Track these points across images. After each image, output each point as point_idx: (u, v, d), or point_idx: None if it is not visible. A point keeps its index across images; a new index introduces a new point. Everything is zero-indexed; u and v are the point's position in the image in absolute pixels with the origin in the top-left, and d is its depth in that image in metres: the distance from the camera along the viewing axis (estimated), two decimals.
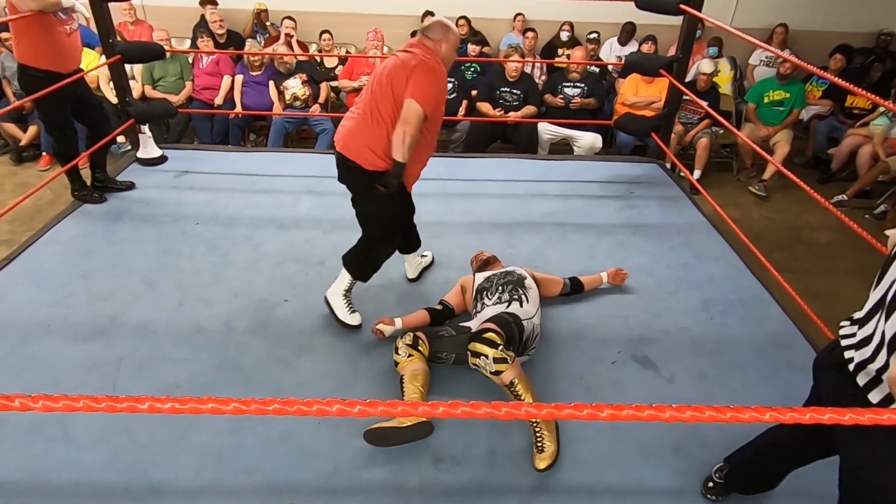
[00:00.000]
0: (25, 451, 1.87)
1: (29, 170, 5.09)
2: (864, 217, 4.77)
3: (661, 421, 0.78)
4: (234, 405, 0.69)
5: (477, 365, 1.95)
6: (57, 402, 0.67)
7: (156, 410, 0.68)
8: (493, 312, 2.21)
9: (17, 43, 2.94)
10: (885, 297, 1.18)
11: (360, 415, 0.77)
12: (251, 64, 5.23)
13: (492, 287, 2.37)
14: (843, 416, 0.74)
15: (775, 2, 6.23)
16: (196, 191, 3.51)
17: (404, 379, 2.07)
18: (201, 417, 1.97)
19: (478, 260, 2.66)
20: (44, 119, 3.35)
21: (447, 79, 2.22)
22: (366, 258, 2.41)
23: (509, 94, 5.04)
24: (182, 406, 0.68)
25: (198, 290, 2.64)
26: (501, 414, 0.79)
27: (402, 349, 2.12)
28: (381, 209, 2.30)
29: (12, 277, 2.70)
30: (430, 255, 2.91)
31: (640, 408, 0.78)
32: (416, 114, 2.06)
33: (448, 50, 2.21)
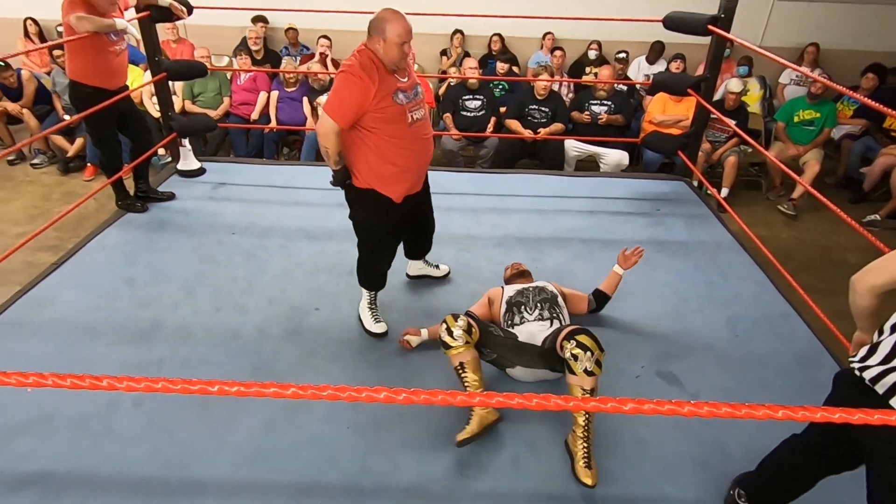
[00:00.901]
0: (73, 445, 1.98)
1: (74, 180, 5.33)
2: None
3: (680, 415, 0.82)
4: (293, 390, 0.77)
5: (575, 355, 1.87)
6: (139, 382, 0.76)
7: (224, 393, 0.76)
8: (539, 328, 2.25)
9: (70, 61, 3.12)
10: None
11: (405, 402, 0.83)
12: (286, 80, 5.42)
13: (529, 302, 2.38)
14: (853, 415, 0.78)
15: (806, 21, 6.22)
16: (232, 202, 3.65)
17: (465, 366, 2.04)
18: (237, 419, 2.07)
19: (514, 268, 2.70)
20: (91, 133, 3.53)
21: (371, 80, 2.00)
22: (363, 268, 2.50)
23: (538, 111, 5.12)
24: (247, 389, 0.76)
25: (234, 297, 2.75)
26: (570, 406, 0.84)
27: (460, 335, 2.03)
28: (366, 219, 2.35)
29: (61, 281, 2.85)
30: (444, 269, 2.93)
31: (661, 402, 0.83)
32: (324, 126, 2.05)
33: (388, 49, 2.01)
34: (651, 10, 3.96)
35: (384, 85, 2.03)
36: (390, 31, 1.99)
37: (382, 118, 2.07)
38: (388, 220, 2.34)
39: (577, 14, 5.76)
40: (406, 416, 2.11)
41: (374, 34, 2.03)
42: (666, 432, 2.09)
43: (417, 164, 2.27)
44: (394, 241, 2.48)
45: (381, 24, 2.01)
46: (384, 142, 2.11)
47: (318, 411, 2.12)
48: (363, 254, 2.47)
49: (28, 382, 0.94)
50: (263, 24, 6.08)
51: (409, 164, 2.21)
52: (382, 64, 2.04)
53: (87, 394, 2.09)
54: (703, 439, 2.08)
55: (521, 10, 5.85)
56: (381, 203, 2.25)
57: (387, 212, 2.29)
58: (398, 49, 2.01)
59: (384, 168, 2.17)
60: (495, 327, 2.24)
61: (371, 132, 2.11)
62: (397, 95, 2.08)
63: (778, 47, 6.13)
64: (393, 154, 2.14)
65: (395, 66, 2.06)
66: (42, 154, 5.58)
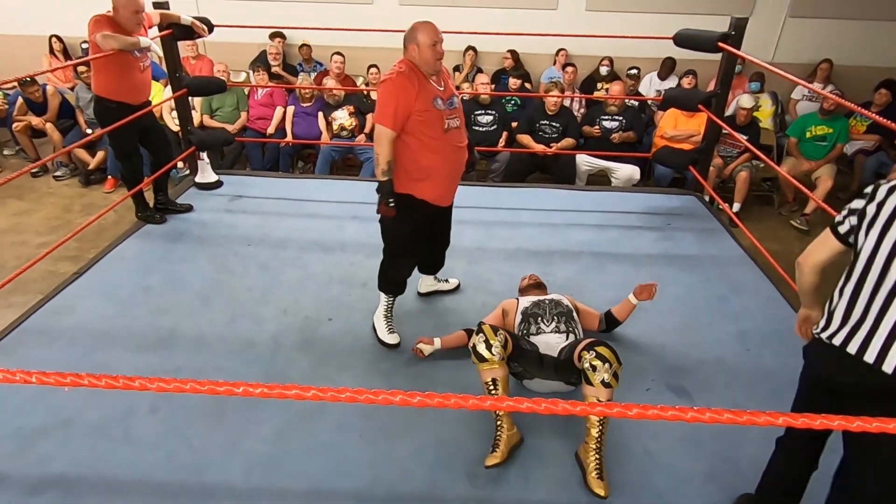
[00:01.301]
0: (92, 449, 2.03)
1: (95, 192, 5.46)
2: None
3: (682, 420, 0.85)
4: (314, 392, 0.80)
5: (593, 366, 1.91)
6: (169, 383, 0.80)
7: (248, 394, 0.80)
8: (556, 340, 2.28)
9: (95, 77, 3.23)
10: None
11: (439, 405, 0.86)
12: (302, 96, 5.53)
13: (546, 314, 2.41)
14: (851, 423, 0.80)
15: (818, 38, 6.23)
16: (248, 214, 3.72)
17: (497, 384, 2.04)
18: (250, 427, 2.11)
19: (532, 279, 2.74)
20: (114, 146, 3.63)
21: (412, 84, 2.16)
22: (386, 272, 2.55)
23: (549, 126, 5.17)
24: (270, 391, 0.80)
25: (249, 307, 2.81)
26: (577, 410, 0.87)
27: (498, 350, 2.03)
28: (395, 224, 2.41)
29: (81, 290, 2.93)
30: (454, 282, 2.99)
31: (665, 408, 0.85)
32: (378, 134, 2.19)
33: (422, 52, 2.17)
34: (663, 27, 4.01)
35: (424, 91, 2.19)
36: (421, 35, 2.17)
37: (421, 121, 2.20)
38: (416, 227, 2.43)
39: (589, 31, 5.86)
40: (416, 425, 2.13)
41: (408, 44, 2.21)
42: (675, 445, 2.09)
43: (451, 171, 2.37)
44: (418, 248, 2.56)
45: (412, 32, 2.19)
46: (421, 145, 2.23)
47: (329, 419, 2.15)
48: (387, 258, 2.54)
49: (49, 381, 0.98)
50: (281, 40, 6.24)
51: (442, 170, 2.32)
52: (420, 71, 2.20)
53: (105, 400, 2.15)
54: (713, 453, 2.08)
55: (533, 28, 5.95)
56: (412, 208, 2.34)
57: (416, 218, 2.39)
58: (431, 50, 2.17)
59: (419, 172, 2.27)
60: (524, 340, 2.26)
61: (409, 136, 2.22)
62: (436, 101, 2.22)
63: (790, 63, 6.14)
64: (427, 159, 2.26)
65: (432, 70, 2.22)
66: (64, 167, 5.73)
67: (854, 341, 1.42)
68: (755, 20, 5.97)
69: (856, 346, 1.41)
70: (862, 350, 1.40)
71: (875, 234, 1.41)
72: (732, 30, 3.49)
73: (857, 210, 1.50)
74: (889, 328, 1.36)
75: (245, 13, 6.27)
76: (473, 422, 2.15)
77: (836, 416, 0.81)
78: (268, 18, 6.15)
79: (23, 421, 2.12)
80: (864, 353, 1.40)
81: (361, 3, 6.31)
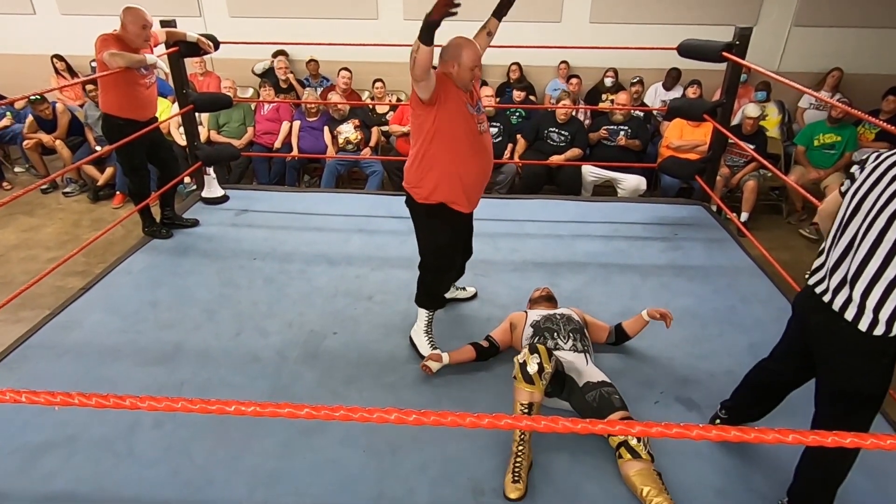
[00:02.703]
0: (95, 465, 2.02)
1: (104, 207, 5.51)
2: None
3: (688, 438, 0.82)
4: (307, 410, 0.79)
5: (632, 449, 1.94)
6: (160, 402, 0.79)
7: (257, 414, 0.79)
8: (574, 359, 2.27)
9: (103, 94, 3.27)
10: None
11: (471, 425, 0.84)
12: (308, 110, 5.57)
13: (561, 330, 2.39)
14: (844, 438, 0.78)
15: (823, 46, 6.21)
16: (254, 228, 3.73)
17: (533, 409, 2.00)
18: (254, 442, 2.09)
19: (545, 291, 2.72)
20: (122, 162, 3.67)
21: (447, 82, 2.17)
22: (425, 287, 2.53)
23: (557, 134, 5.17)
24: (280, 409, 0.79)
25: (254, 320, 2.80)
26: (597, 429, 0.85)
27: (547, 375, 2.00)
28: (428, 237, 2.43)
29: (88, 305, 2.94)
30: (471, 290, 2.99)
31: (669, 426, 0.83)
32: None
33: (461, 72, 2.17)
34: (667, 37, 4.01)
35: (457, 95, 2.19)
36: (465, 56, 2.15)
37: (460, 119, 2.20)
38: (456, 236, 2.44)
39: (593, 43, 5.87)
40: (420, 440, 2.11)
41: (448, 59, 2.17)
42: (687, 459, 2.05)
43: (482, 177, 2.39)
44: (457, 259, 2.56)
45: (456, 49, 2.16)
46: (458, 147, 2.22)
47: (334, 434, 2.13)
48: (429, 274, 2.51)
49: (55, 401, 0.98)
50: (283, 57, 6.28)
51: (476, 175, 2.33)
52: (454, 84, 2.20)
53: (109, 415, 2.15)
54: (725, 467, 2.04)
55: (538, 40, 5.98)
56: (448, 219, 2.35)
57: (455, 227, 2.40)
58: (470, 73, 2.18)
59: (455, 177, 2.26)
60: (570, 376, 2.20)
61: (446, 140, 2.21)
62: (468, 106, 2.24)
63: (797, 72, 6.13)
64: (465, 162, 2.26)
65: (465, 88, 2.22)
66: (74, 183, 5.79)
67: (823, 286, 1.61)
68: (760, 29, 5.99)
69: (829, 293, 1.59)
70: (833, 296, 1.57)
71: (859, 195, 1.55)
72: (737, 39, 3.48)
73: (851, 174, 1.63)
74: (857, 281, 1.51)
75: (252, 30, 6.35)
76: (478, 437, 2.12)
77: (848, 433, 0.79)
78: (276, 35, 6.22)
79: (28, 437, 2.11)
80: (833, 299, 1.57)
81: (367, 18, 6.37)
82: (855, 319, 1.52)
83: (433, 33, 1.94)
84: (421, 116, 2.22)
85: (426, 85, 2.08)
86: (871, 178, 1.52)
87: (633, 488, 1.90)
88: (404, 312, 2.75)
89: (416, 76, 2.04)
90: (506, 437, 2.07)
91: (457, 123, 2.20)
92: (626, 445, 1.94)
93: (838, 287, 1.56)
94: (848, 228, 1.55)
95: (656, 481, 1.88)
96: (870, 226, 1.48)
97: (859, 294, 1.50)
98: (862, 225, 1.51)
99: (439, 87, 2.13)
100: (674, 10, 6.10)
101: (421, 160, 2.27)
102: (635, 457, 1.92)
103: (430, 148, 2.23)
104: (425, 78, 2.05)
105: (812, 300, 1.66)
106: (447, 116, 2.18)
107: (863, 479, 1.98)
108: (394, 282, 3.08)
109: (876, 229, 1.46)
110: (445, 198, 2.30)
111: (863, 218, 1.51)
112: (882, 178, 1.49)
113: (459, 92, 2.20)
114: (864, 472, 2.00)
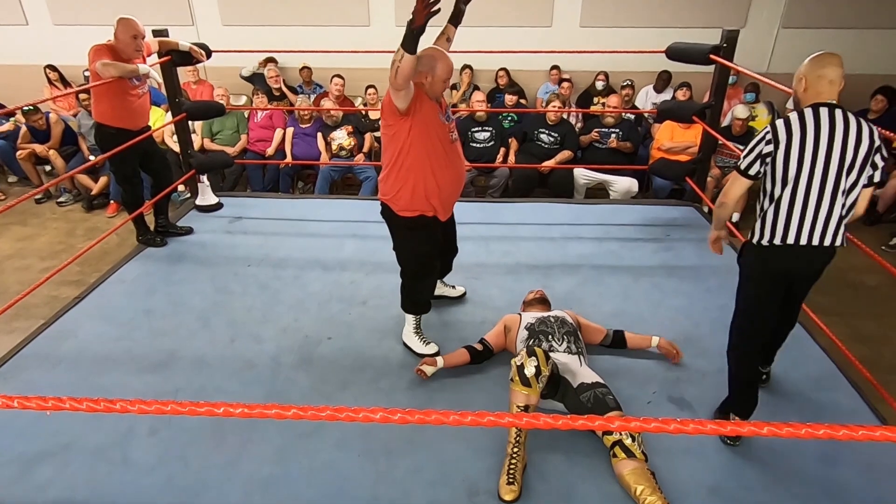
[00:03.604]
0: (90, 474, 2.02)
1: (98, 217, 5.51)
2: None
3: (685, 434, 0.84)
4: (294, 411, 0.80)
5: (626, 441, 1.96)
6: (150, 405, 0.80)
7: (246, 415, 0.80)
8: (569, 360, 2.29)
9: (95, 104, 3.28)
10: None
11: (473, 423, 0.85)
12: (301, 117, 5.59)
13: (555, 333, 2.41)
14: (837, 431, 0.80)
15: (812, 47, 6.17)
16: (248, 235, 3.74)
17: (530, 411, 2.01)
18: (250, 447, 2.10)
19: (539, 293, 2.74)
20: (115, 171, 3.67)
21: (431, 101, 2.21)
22: (408, 294, 2.56)
23: (547, 135, 5.20)
24: (250, 411, 0.80)
25: (249, 327, 2.81)
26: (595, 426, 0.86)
27: (544, 378, 2.02)
28: (408, 246, 2.45)
29: (82, 314, 2.94)
30: (460, 290, 3.02)
31: (667, 421, 0.85)
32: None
33: (434, 84, 2.19)
34: (657, 40, 4.05)
35: (430, 106, 2.21)
36: (440, 68, 2.17)
37: (434, 129, 2.22)
38: (432, 245, 2.46)
39: (584, 47, 5.92)
40: (416, 442, 2.12)
41: (421, 69, 2.15)
42: (680, 458, 2.07)
43: (457, 186, 2.41)
44: (436, 265, 2.58)
45: (430, 61, 2.16)
46: (434, 157, 2.24)
47: (329, 438, 2.14)
48: (409, 282, 2.55)
49: (47, 406, 0.99)
50: (273, 65, 6.30)
51: (452, 184, 2.36)
52: (427, 95, 2.22)
53: (104, 424, 2.15)
54: (717, 465, 2.05)
55: (529, 45, 6.02)
56: (426, 228, 2.37)
57: (430, 236, 2.42)
58: (443, 84, 2.22)
59: (432, 187, 2.28)
60: (565, 378, 2.22)
61: (422, 151, 2.22)
62: (440, 116, 2.26)
63: (786, 73, 6.17)
64: (441, 171, 2.28)
65: (437, 99, 2.25)
66: (67, 192, 5.79)
67: (803, 233, 1.89)
68: (748, 32, 6.05)
69: (806, 236, 1.90)
70: (811, 237, 1.89)
71: (796, 152, 1.84)
72: (724, 42, 3.52)
73: (765, 153, 1.91)
74: (825, 215, 1.87)
75: (245, 38, 6.38)
76: (472, 438, 2.13)
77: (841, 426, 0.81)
78: (269, 42, 6.25)
79: (23, 446, 2.11)
80: (812, 239, 1.89)
81: (359, 25, 6.40)
82: (840, 242, 1.93)
83: (418, 40, 1.94)
84: (394, 127, 2.21)
85: (406, 94, 2.09)
86: (801, 132, 1.84)
87: (626, 487, 1.91)
88: (398, 317, 2.75)
89: (398, 85, 2.04)
90: (499, 440, 2.08)
91: (431, 133, 2.21)
92: (621, 444, 1.96)
93: (825, 226, 1.89)
94: (801, 177, 1.86)
95: (650, 480, 1.90)
96: (824, 173, 1.84)
97: (841, 224, 1.90)
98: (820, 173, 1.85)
99: (416, 97, 2.14)
100: (663, 14, 6.16)
101: (397, 171, 2.27)
102: (629, 456, 1.94)
103: (406, 159, 2.24)
104: (406, 87, 2.06)
105: (800, 249, 1.93)
106: (422, 127, 2.19)
107: (852, 473, 2.01)
108: (388, 286, 3.09)
109: (832, 174, 1.84)
110: (422, 208, 2.32)
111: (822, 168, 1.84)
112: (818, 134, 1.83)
113: (432, 102, 2.22)
114: (853, 466, 2.03)
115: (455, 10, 2.46)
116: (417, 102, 2.15)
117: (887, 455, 2.05)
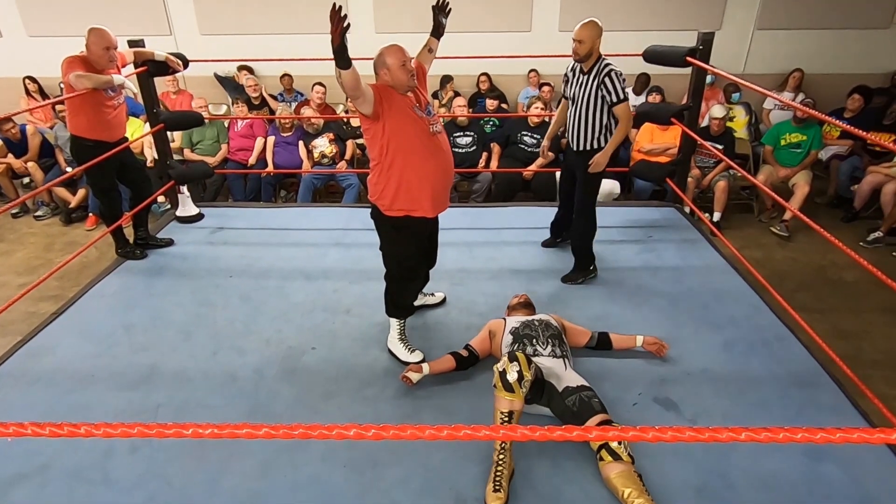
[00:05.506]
0: (69, 495, 1.97)
1: (77, 230, 5.42)
2: (893, 255, 4.71)
3: (664, 441, 0.84)
4: (320, 431, 0.78)
5: (613, 450, 1.96)
6: (132, 428, 0.78)
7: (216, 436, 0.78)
8: (553, 364, 2.28)
9: (70, 116, 3.23)
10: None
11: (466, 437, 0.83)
12: (282, 125, 5.55)
13: (539, 336, 2.41)
14: (814, 434, 0.80)
15: (787, 48, 6.38)
16: (230, 245, 3.70)
17: (513, 418, 1.99)
18: (233, 462, 2.07)
19: (523, 298, 2.74)
20: (92, 184, 3.62)
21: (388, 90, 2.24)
22: (392, 297, 2.56)
23: (530, 137, 5.22)
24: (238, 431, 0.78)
25: (231, 339, 2.77)
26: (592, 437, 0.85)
27: (527, 383, 2.00)
28: (394, 247, 2.47)
29: (61, 330, 2.88)
30: (440, 296, 3.02)
31: (645, 429, 0.84)
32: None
33: (394, 74, 2.23)
34: (634, 43, 4.08)
35: (402, 101, 2.25)
36: (389, 59, 2.23)
37: (409, 124, 2.25)
38: (418, 246, 2.48)
39: (563, 52, 5.94)
40: (401, 452, 2.10)
41: (379, 70, 2.26)
42: (665, 459, 2.07)
43: (442, 178, 2.40)
44: (421, 269, 2.59)
45: (380, 58, 2.25)
46: (413, 151, 2.26)
47: (314, 451, 2.11)
48: (394, 284, 2.55)
49: (26, 433, 0.94)
50: (248, 73, 6.26)
51: (435, 176, 2.35)
52: (395, 91, 2.26)
53: (82, 443, 2.10)
54: (704, 466, 2.06)
55: (508, 50, 6.04)
56: (412, 227, 2.38)
57: (417, 236, 2.43)
58: (402, 70, 2.24)
59: (414, 183, 2.29)
60: (550, 383, 2.21)
61: (400, 147, 2.26)
62: (416, 110, 2.28)
63: (761, 74, 6.28)
64: (421, 165, 2.29)
65: (406, 88, 2.27)
66: (45, 206, 5.69)
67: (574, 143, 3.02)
68: (724, 34, 6.13)
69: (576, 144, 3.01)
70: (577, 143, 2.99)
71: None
72: (700, 44, 3.56)
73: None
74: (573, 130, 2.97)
75: (223, 46, 6.33)
76: (459, 447, 2.12)
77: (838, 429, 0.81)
78: (248, 51, 6.20)
79: None
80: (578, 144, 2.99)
81: None
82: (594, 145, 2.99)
83: (345, 56, 2.02)
84: (371, 130, 2.27)
85: (364, 100, 2.16)
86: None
87: (614, 490, 1.91)
88: (383, 325, 2.74)
89: (353, 96, 2.15)
90: (487, 447, 2.07)
91: (407, 129, 2.25)
92: (607, 447, 1.96)
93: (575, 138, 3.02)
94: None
95: (637, 483, 1.90)
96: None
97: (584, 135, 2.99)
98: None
99: (381, 99, 2.19)
100: (641, 17, 6.23)
101: (380, 171, 2.32)
102: (616, 459, 1.94)
103: (387, 158, 2.28)
104: (360, 94, 2.13)
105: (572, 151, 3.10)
106: (396, 125, 2.23)
107: (837, 470, 2.02)
108: (372, 294, 3.07)
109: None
110: (409, 205, 2.34)
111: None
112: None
113: (403, 97, 2.25)
114: (839, 463, 2.04)
115: (436, 24, 2.56)
116: (385, 102, 2.20)
117: (872, 449, 2.07)
